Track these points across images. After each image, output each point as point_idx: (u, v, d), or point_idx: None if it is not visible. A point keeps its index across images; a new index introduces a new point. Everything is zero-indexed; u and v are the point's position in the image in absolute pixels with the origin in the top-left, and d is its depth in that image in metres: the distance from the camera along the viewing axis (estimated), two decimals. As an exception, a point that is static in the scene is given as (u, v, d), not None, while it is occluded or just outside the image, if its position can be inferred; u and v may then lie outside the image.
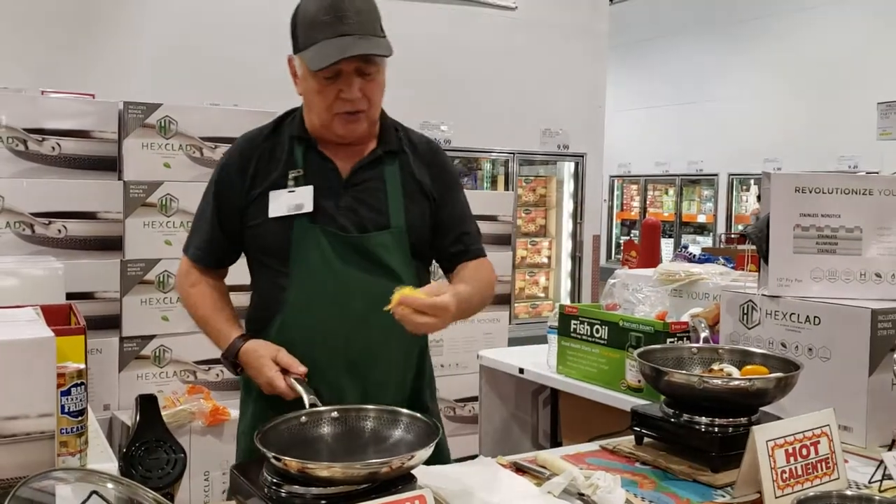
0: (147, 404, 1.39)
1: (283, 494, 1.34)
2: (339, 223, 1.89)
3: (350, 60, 1.79)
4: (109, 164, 3.42)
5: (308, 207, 1.87)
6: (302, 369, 1.78)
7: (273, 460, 1.34)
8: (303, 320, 1.89)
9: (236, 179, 1.93)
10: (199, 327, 2.01)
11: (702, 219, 13.78)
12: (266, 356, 1.81)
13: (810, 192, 2.20)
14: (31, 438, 1.34)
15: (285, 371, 1.79)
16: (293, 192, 1.89)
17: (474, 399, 4.06)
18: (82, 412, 1.73)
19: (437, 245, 2.05)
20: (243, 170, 1.93)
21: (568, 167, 7.21)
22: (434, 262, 2.10)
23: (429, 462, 1.44)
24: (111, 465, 1.73)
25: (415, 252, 1.98)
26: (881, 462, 1.68)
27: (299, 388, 1.74)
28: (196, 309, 1.99)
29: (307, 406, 1.64)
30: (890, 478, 1.64)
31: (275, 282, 1.91)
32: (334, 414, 1.56)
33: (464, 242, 2.05)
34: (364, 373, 1.90)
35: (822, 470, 1.67)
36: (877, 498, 1.54)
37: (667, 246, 11.94)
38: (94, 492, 1.08)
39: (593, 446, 2.01)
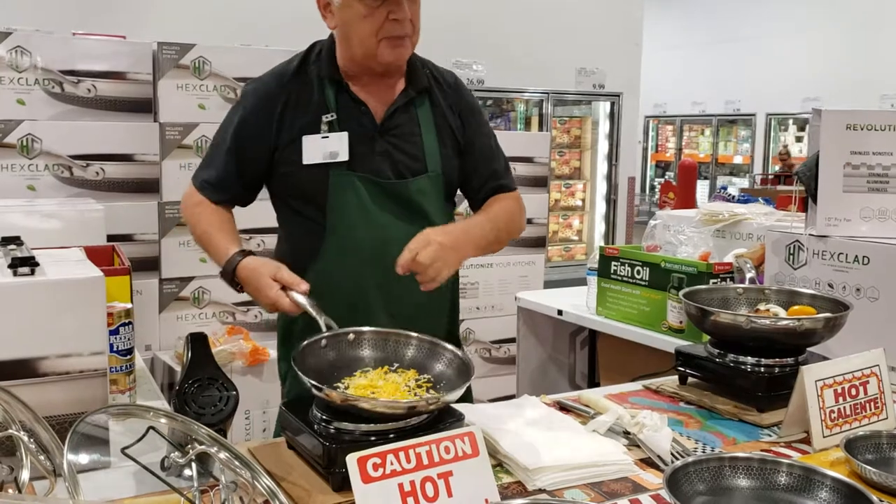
0: (197, 343, 1.40)
1: (332, 431, 1.35)
2: (376, 169, 1.85)
3: None
4: (145, 106, 3.41)
5: (344, 156, 1.82)
6: (304, 287, 1.67)
7: (314, 390, 1.35)
8: (340, 269, 1.85)
9: (263, 122, 1.85)
10: (200, 244, 1.89)
11: (738, 160, 13.58)
12: (265, 274, 1.69)
13: (861, 129, 2.14)
14: (84, 376, 1.35)
15: (286, 289, 1.68)
16: (327, 137, 1.82)
17: (510, 341, 4.07)
18: (130, 351, 1.76)
19: (468, 187, 2.02)
20: (270, 112, 1.84)
21: (603, 107, 7.09)
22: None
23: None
24: (160, 403, 1.76)
25: (447, 195, 1.96)
26: (931, 403, 1.66)
27: (305, 305, 1.63)
28: (197, 225, 1.88)
29: (323, 328, 1.57)
30: (940, 418, 1.62)
31: (310, 230, 1.86)
32: (366, 336, 1.56)
33: (493, 182, 2.01)
34: (402, 321, 1.75)
35: (870, 410, 1.65)
36: (928, 438, 1.53)
37: (702, 188, 11.81)
38: (151, 427, 1.09)
39: (636, 386, 2.01)
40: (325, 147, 1.81)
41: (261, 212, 2.04)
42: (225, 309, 3.55)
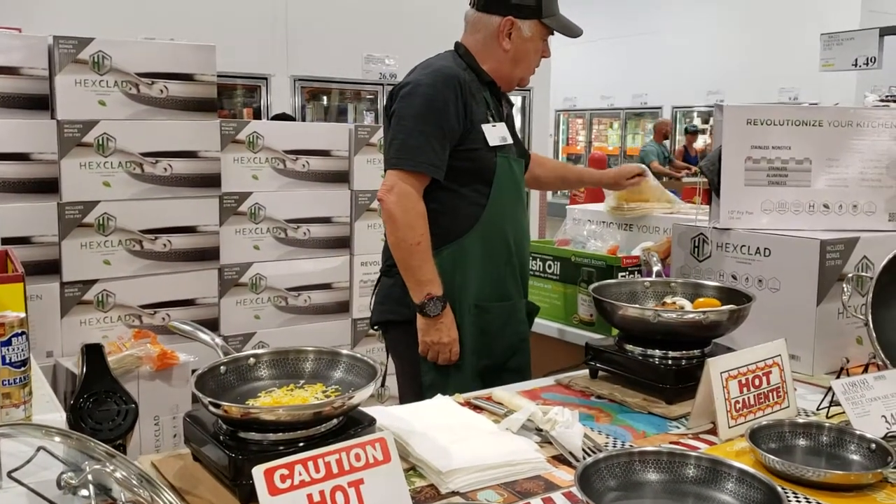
0: (93, 354, 1.33)
1: (239, 441, 1.31)
2: (517, 152, 2.33)
3: None
4: (41, 103, 3.26)
5: (509, 140, 2.28)
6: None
7: (212, 407, 1.29)
8: (492, 232, 2.24)
9: (461, 109, 2.18)
10: (403, 251, 2.13)
11: (645, 152, 13.85)
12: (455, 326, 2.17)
13: (761, 123, 2.20)
14: (-28, 392, 1.28)
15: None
16: (495, 126, 2.25)
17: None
18: (25, 362, 1.67)
19: None
20: (459, 100, 2.18)
21: (515, 101, 7.15)
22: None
23: None
24: (58, 416, 1.68)
25: None
26: (829, 389, 1.71)
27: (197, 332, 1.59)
28: (414, 229, 2.12)
29: (220, 354, 1.51)
30: (837, 404, 1.67)
31: (473, 202, 2.22)
32: (265, 359, 1.51)
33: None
34: (522, 274, 2.35)
35: (773, 399, 1.70)
36: (826, 424, 1.58)
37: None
38: (42, 447, 1.04)
39: (548, 381, 2.02)
40: (496, 133, 2.24)
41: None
42: (131, 312, 3.44)
